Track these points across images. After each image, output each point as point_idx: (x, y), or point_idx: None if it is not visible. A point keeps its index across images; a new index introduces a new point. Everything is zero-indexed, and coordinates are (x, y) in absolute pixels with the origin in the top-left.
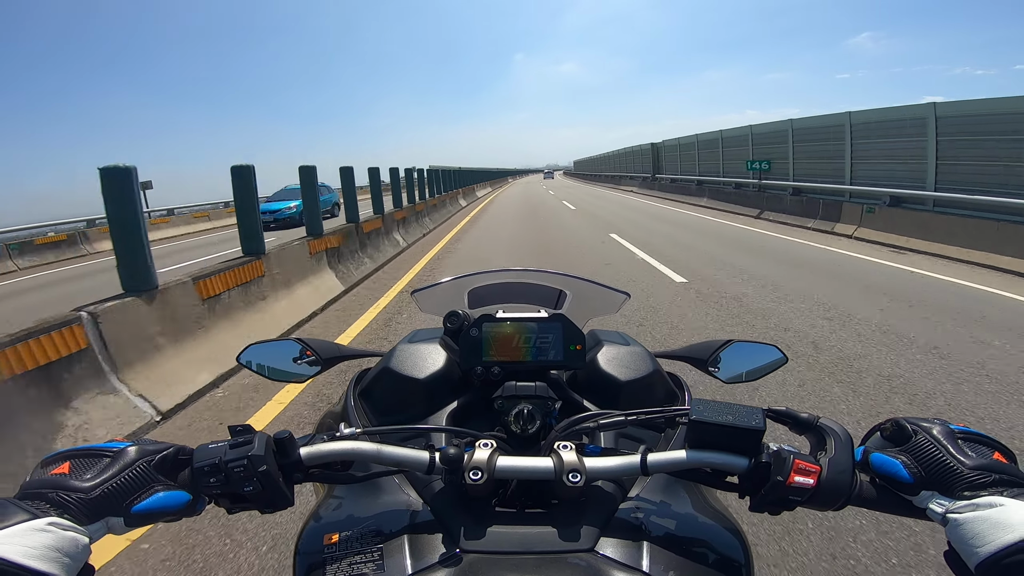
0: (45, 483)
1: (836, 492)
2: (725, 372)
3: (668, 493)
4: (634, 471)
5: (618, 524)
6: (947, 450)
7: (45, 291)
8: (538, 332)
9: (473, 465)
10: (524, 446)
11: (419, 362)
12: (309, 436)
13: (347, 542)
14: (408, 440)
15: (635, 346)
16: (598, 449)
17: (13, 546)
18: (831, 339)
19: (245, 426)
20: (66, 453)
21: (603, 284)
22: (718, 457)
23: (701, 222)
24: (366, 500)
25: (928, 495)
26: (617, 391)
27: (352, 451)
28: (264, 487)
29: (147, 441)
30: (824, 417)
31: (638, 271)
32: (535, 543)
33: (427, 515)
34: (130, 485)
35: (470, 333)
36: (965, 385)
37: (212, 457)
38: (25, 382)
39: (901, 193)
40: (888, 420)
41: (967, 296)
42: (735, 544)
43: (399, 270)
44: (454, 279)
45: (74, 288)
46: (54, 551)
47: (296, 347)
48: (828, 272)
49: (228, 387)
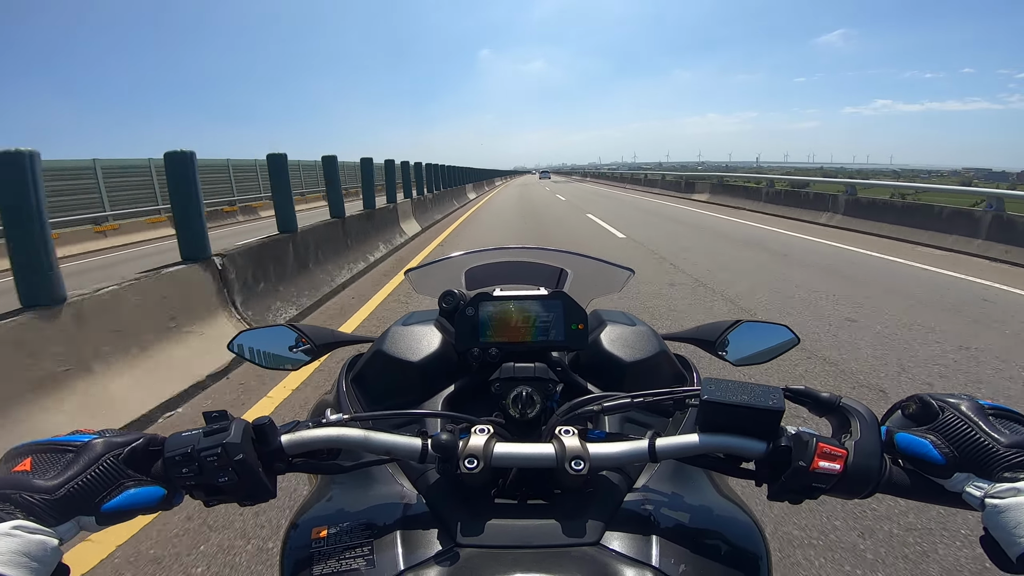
0: (6, 483)
1: (865, 478)
2: (734, 353)
3: (678, 482)
4: (641, 457)
5: (625, 516)
6: (979, 427)
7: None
8: (538, 311)
9: (469, 452)
10: (524, 432)
11: (413, 344)
12: (292, 423)
13: (336, 536)
14: (401, 427)
15: (640, 326)
16: (602, 434)
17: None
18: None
19: (220, 412)
20: (29, 447)
21: (606, 260)
22: (733, 441)
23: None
24: (357, 492)
25: (963, 477)
26: (621, 373)
27: (337, 438)
28: (240, 477)
29: (114, 432)
30: (847, 397)
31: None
32: (536, 536)
33: (422, 507)
34: (98, 482)
35: (466, 313)
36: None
37: (184, 446)
38: None
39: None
40: (910, 397)
41: None
42: (752, 535)
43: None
44: (449, 257)
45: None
46: (22, 556)
47: (290, 334)
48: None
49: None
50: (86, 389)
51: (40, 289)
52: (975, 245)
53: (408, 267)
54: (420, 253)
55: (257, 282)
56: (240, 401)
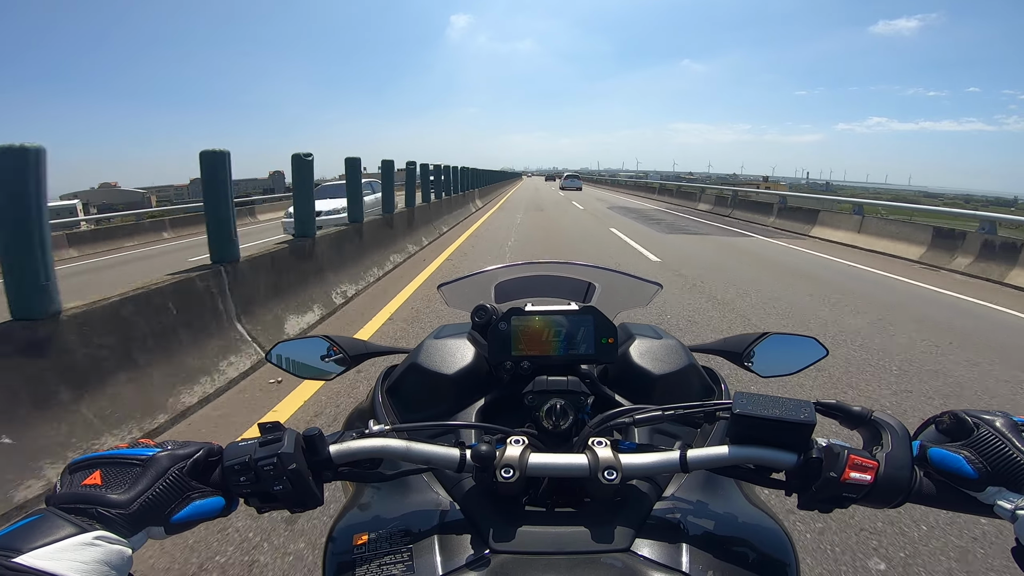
0: (81, 497)
1: (895, 488)
2: (761, 366)
3: (706, 491)
4: (673, 468)
5: (654, 523)
6: (1013, 444)
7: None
8: (568, 325)
9: (505, 463)
10: (556, 443)
11: (447, 357)
12: (338, 433)
13: (377, 542)
14: (437, 437)
15: (668, 339)
16: (633, 445)
17: (65, 561)
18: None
19: (274, 423)
20: (93, 460)
21: (634, 275)
22: (764, 453)
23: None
24: (395, 499)
25: (995, 491)
26: (651, 385)
27: (382, 449)
28: (294, 486)
29: (175, 444)
30: (878, 411)
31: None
32: (568, 543)
33: (456, 514)
34: (167, 495)
35: (499, 327)
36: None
37: (242, 455)
38: None
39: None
40: (945, 413)
41: None
42: (781, 543)
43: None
44: (480, 273)
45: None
46: (102, 564)
47: (323, 344)
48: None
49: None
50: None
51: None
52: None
53: (441, 282)
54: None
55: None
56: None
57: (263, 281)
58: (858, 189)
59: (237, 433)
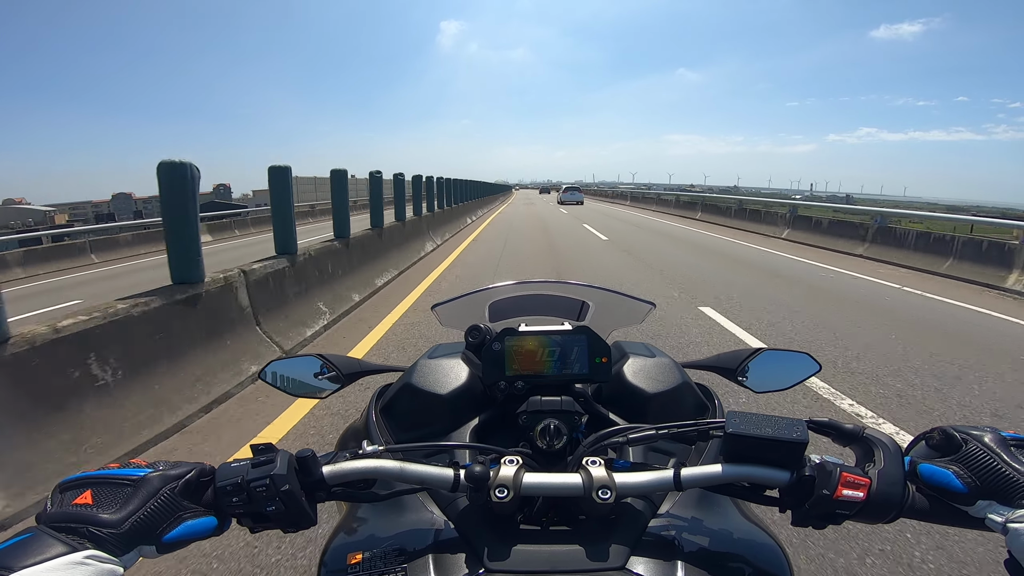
0: (72, 516)
1: (887, 505)
2: (755, 381)
3: (701, 507)
4: (667, 486)
5: (649, 541)
6: (1001, 458)
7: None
8: (562, 345)
9: (499, 482)
10: (550, 462)
11: (441, 377)
12: (331, 454)
13: (371, 561)
14: (431, 457)
15: (661, 357)
16: (627, 464)
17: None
18: None
19: (267, 444)
20: (84, 480)
21: (627, 294)
22: (757, 471)
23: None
24: (389, 518)
25: (985, 504)
26: (644, 404)
27: (375, 469)
28: (287, 506)
29: (167, 464)
30: (870, 428)
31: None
32: (562, 562)
33: (451, 533)
34: (159, 515)
35: (492, 347)
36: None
37: (234, 476)
38: None
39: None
40: (934, 429)
41: None
42: (776, 559)
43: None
44: (474, 292)
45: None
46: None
47: (317, 363)
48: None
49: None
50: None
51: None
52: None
53: (434, 303)
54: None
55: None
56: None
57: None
58: (879, 201)
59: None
